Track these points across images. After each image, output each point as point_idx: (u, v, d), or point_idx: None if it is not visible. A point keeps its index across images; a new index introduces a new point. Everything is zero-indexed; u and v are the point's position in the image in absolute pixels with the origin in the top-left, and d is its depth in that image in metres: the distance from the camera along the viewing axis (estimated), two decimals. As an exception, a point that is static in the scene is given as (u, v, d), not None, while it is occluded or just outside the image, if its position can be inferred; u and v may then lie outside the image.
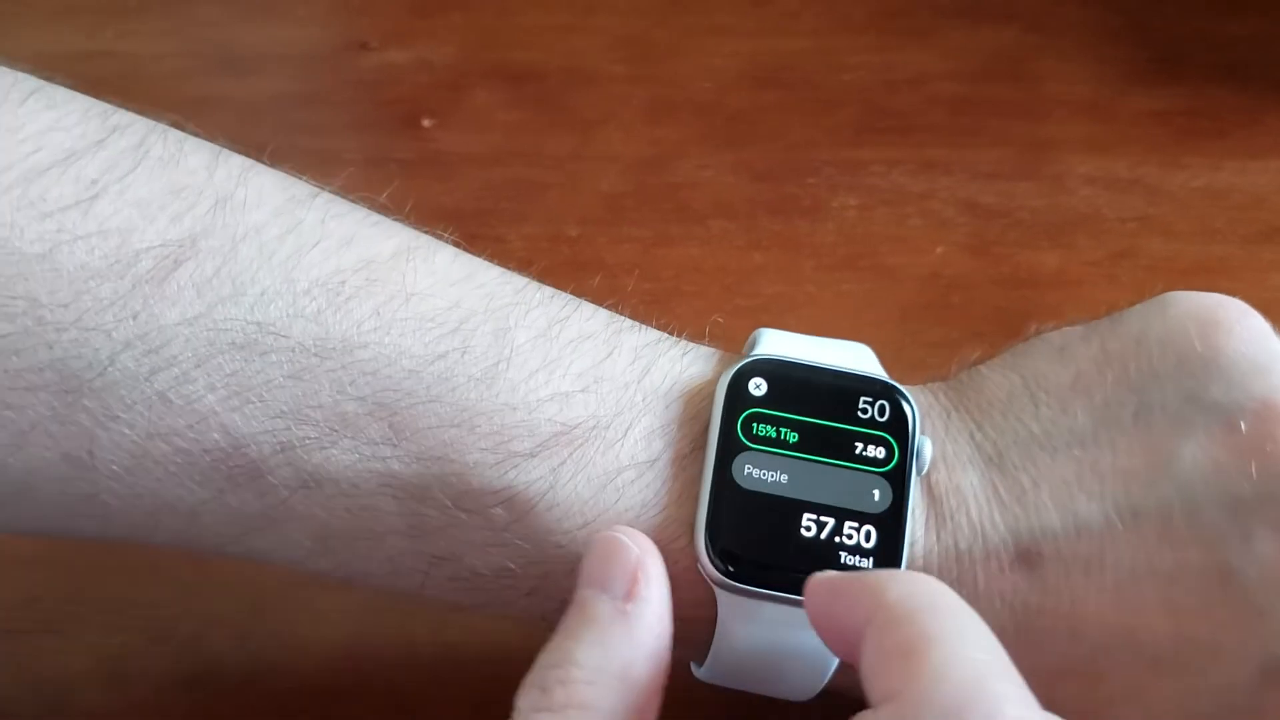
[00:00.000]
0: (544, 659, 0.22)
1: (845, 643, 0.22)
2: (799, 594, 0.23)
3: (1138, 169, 0.41)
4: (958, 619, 0.20)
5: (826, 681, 0.25)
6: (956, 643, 0.20)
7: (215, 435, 0.23)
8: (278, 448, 0.24)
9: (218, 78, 0.45)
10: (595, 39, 0.46)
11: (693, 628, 0.24)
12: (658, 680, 0.22)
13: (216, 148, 0.26)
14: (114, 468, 0.24)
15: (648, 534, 0.24)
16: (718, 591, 0.24)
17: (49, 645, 0.31)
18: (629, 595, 0.22)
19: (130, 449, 0.24)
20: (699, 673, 0.26)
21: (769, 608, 0.24)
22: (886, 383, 0.25)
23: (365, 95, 0.45)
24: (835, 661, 0.24)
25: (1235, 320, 0.25)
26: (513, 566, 0.25)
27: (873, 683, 0.20)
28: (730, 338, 0.28)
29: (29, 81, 0.25)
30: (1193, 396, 0.24)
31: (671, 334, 0.27)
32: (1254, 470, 0.23)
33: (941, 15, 0.46)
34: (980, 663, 0.20)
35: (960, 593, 0.24)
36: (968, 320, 0.37)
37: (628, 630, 0.22)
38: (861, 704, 0.26)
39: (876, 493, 0.24)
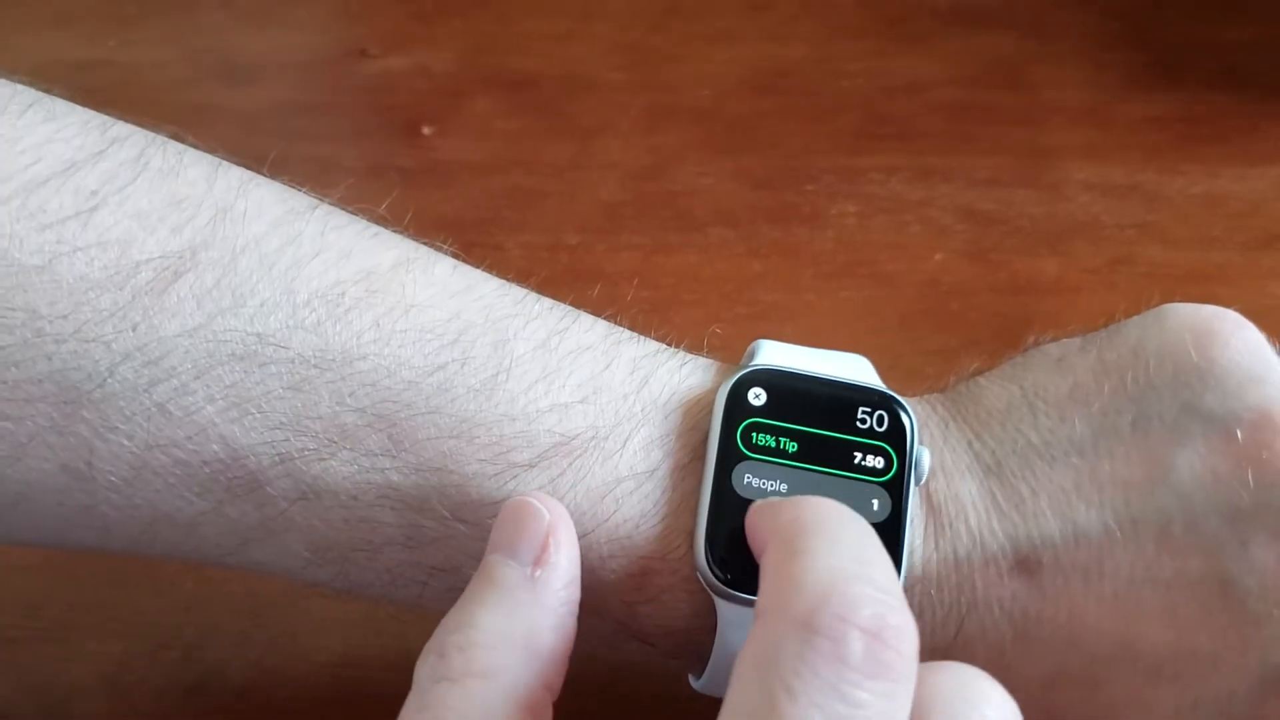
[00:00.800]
0: (444, 625, 0.21)
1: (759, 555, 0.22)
2: None
3: (1136, 176, 0.41)
4: (830, 530, 0.20)
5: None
6: (821, 554, 0.20)
7: (214, 446, 0.24)
8: (277, 459, 0.24)
9: (218, 86, 0.45)
10: (594, 46, 0.46)
11: (692, 638, 0.25)
12: (563, 649, 0.22)
13: (215, 160, 0.26)
14: (113, 479, 0.24)
15: (647, 544, 0.24)
16: (717, 600, 0.24)
17: (50, 653, 0.31)
18: (538, 561, 0.22)
19: (129, 460, 0.24)
20: (697, 685, 0.26)
21: None
22: (885, 393, 0.25)
23: (365, 103, 0.45)
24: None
25: (1231, 332, 0.25)
26: (511, 577, 0.25)
27: (758, 600, 0.20)
28: (729, 347, 0.28)
29: (27, 93, 0.25)
30: (1190, 406, 0.24)
31: (670, 344, 0.27)
32: (1251, 479, 0.24)
33: (940, 22, 0.46)
34: (837, 569, 0.19)
35: (960, 600, 0.24)
36: (966, 327, 0.38)
37: (534, 596, 0.22)
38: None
39: (875, 502, 0.24)
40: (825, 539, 0.20)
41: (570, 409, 0.25)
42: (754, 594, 0.23)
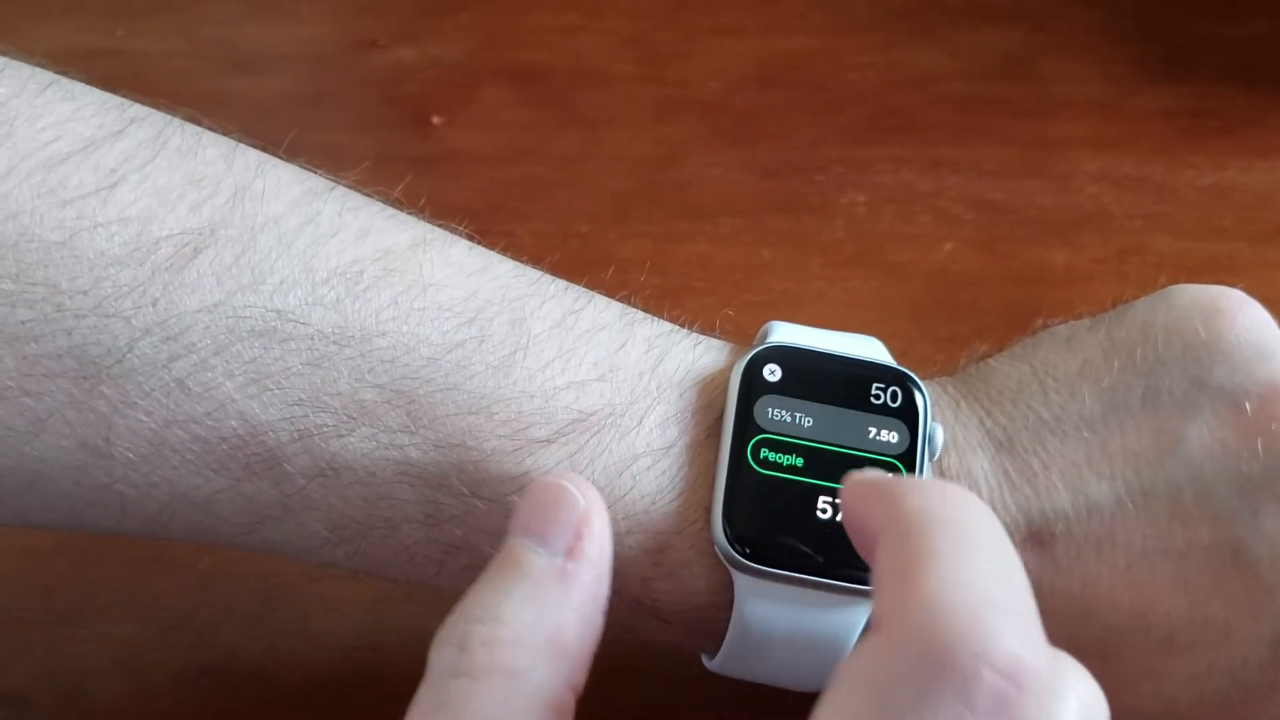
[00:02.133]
0: (465, 611, 0.20)
1: (867, 548, 0.20)
2: (816, 575, 0.24)
3: (1144, 167, 0.41)
4: (969, 537, 0.18)
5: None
6: (958, 565, 0.17)
7: (233, 423, 0.24)
8: (295, 435, 0.24)
9: (227, 76, 0.45)
10: (603, 39, 0.46)
11: (708, 615, 0.25)
12: (589, 648, 0.20)
13: (233, 141, 0.26)
14: (130, 455, 0.24)
15: (664, 519, 0.24)
16: (735, 575, 0.24)
17: (64, 635, 0.31)
18: (571, 552, 0.20)
19: (148, 436, 0.24)
20: (711, 664, 0.26)
21: (786, 590, 0.24)
22: (898, 369, 0.26)
23: (374, 93, 0.45)
24: (851, 647, 0.24)
25: (1238, 308, 0.26)
26: (528, 555, 0.25)
27: (874, 604, 0.18)
28: (740, 333, 0.28)
29: (45, 74, 0.25)
30: (1199, 380, 0.25)
31: (683, 327, 0.27)
32: (1260, 449, 0.24)
33: (948, 15, 0.46)
34: (980, 593, 0.17)
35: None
36: (976, 316, 0.38)
37: (564, 590, 0.20)
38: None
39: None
40: (963, 545, 0.18)
41: (587, 386, 0.25)
42: (770, 566, 0.24)
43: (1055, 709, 0.17)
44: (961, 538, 0.18)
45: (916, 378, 0.26)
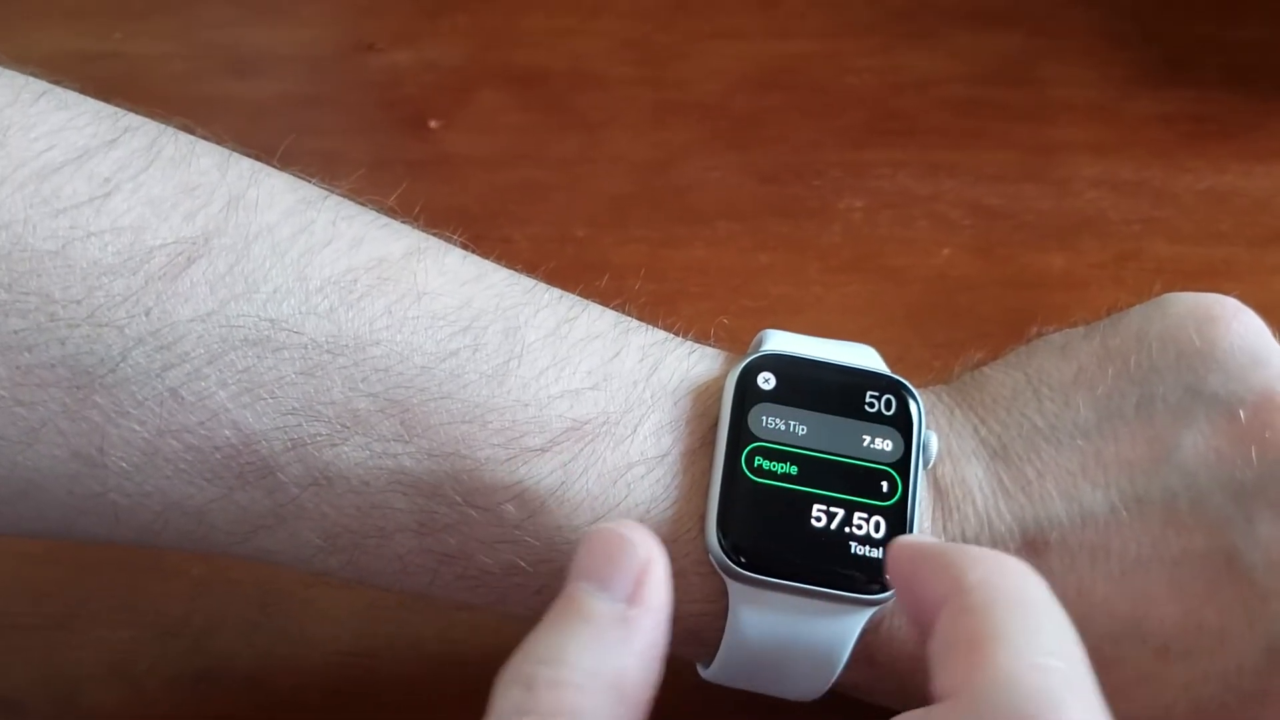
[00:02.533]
0: (529, 652, 0.20)
1: (922, 614, 0.21)
2: (810, 584, 0.24)
3: (1143, 172, 0.41)
4: (1034, 615, 0.19)
5: (835, 678, 0.25)
6: (1027, 643, 0.18)
7: (226, 432, 0.24)
8: (289, 444, 0.24)
9: (224, 79, 0.45)
10: (601, 42, 0.46)
11: (702, 623, 0.25)
12: (649, 694, 0.21)
13: (226, 150, 0.26)
14: (124, 465, 0.24)
15: (658, 528, 0.24)
16: (729, 583, 0.24)
17: (59, 641, 0.31)
18: (633, 599, 0.21)
19: (141, 446, 0.24)
20: (706, 673, 0.26)
21: (780, 598, 0.24)
22: (892, 378, 0.26)
23: (371, 97, 0.45)
24: (845, 656, 0.24)
25: (1232, 316, 0.26)
26: (522, 564, 0.25)
27: (937, 672, 0.19)
28: (736, 339, 0.28)
29: (38, 83, 0.25)
30: (1193, 388, 0.25)
31: (677, 334, 0.27)
32: (1255, 456, 0.24)
33: (947, 19, 0.46)
34: (1050, 670, 0.18)
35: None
36: (974, 321, 0.38)
37: (626, 636, 0.20)
38: (867, 707, 0.27)
39: (884, 485, 0.24)
40: (1029, 622, 0.19)
41: (581, 395, 0.25)
42: (765, 575, 0.23)
43: None
44: (1026, 614, 0.19)
45: (911, 386, 0.26)
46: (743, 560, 0.24)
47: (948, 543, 0.23)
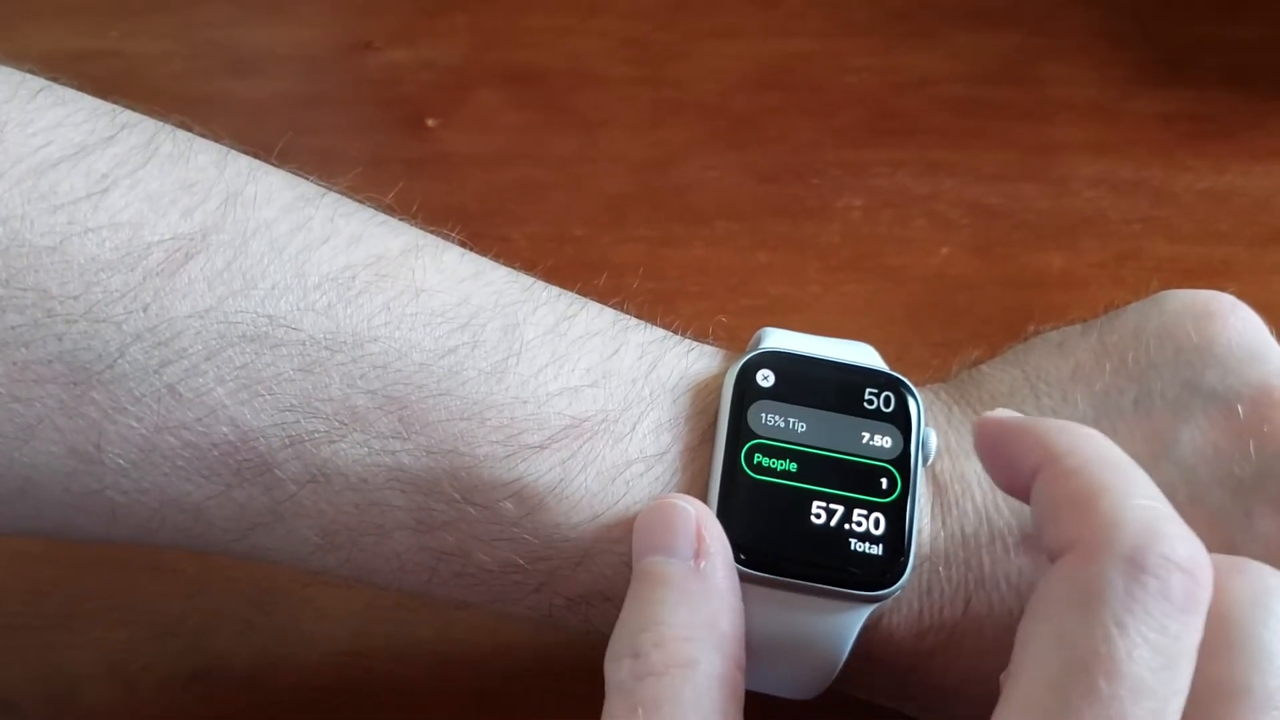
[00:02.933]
0: (626, 628, 0.22)
1: (1013, 483, 0.23)
2: (811, 580, 0.24)
3: (1142, 171, 0.41)
4: (1124, 470, 0.21)
5: (836, 674, 0.25)
6: (1126, 491, 0.21)
7: (224, 429, 0.24)
8: (286, 441, 0.24)
9: (222, 78, 0.45)
10: (599, 41, 0.46)
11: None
12: (740, 630, 0.23)
13: (224, 147, 0.26)
14: (121, 462, 0.24)
15: None
16: None
17: (55, 640, 0.31)
18: (698, 553, 0.23)
19: (138, 442, 0.24)
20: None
21: (781, 595, 0.24)
22: (891, 375, 0.26)
23: (370, 95, 0.45)
24: (845, 653, 0.24)
25: (1229, 312, 0.26)
26: (520, 561, 0.25)
27: (1046, 531, 0.21)
28: (734, 338, 0.28)
29: (36, 80, 0.25)
30: (1191, 384, 0.25)
31: (676, 333, 0.27)
32: (1253, 451, 0.24)
33: (946, 18, 0.46)
34: (1150, 509, 0.20)
35: (967, 576, 0.24)
36: (972, 321, 0.38)
37: (705, 586, 0.23)
38: (868, 705, 0.27)
39: (884, 481, 0.24)
40: (1124, 476, 0.21)
41: (580, 392, 0.25)
42: (766, 572, 0.23)
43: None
44: (1116, 469, 0.21)
45: (909, 383, 0.26)
46: (743, 557, 0.24)
47: (1028, 416, 0.23)
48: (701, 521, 0.23)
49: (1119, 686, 0.19)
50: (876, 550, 0.24)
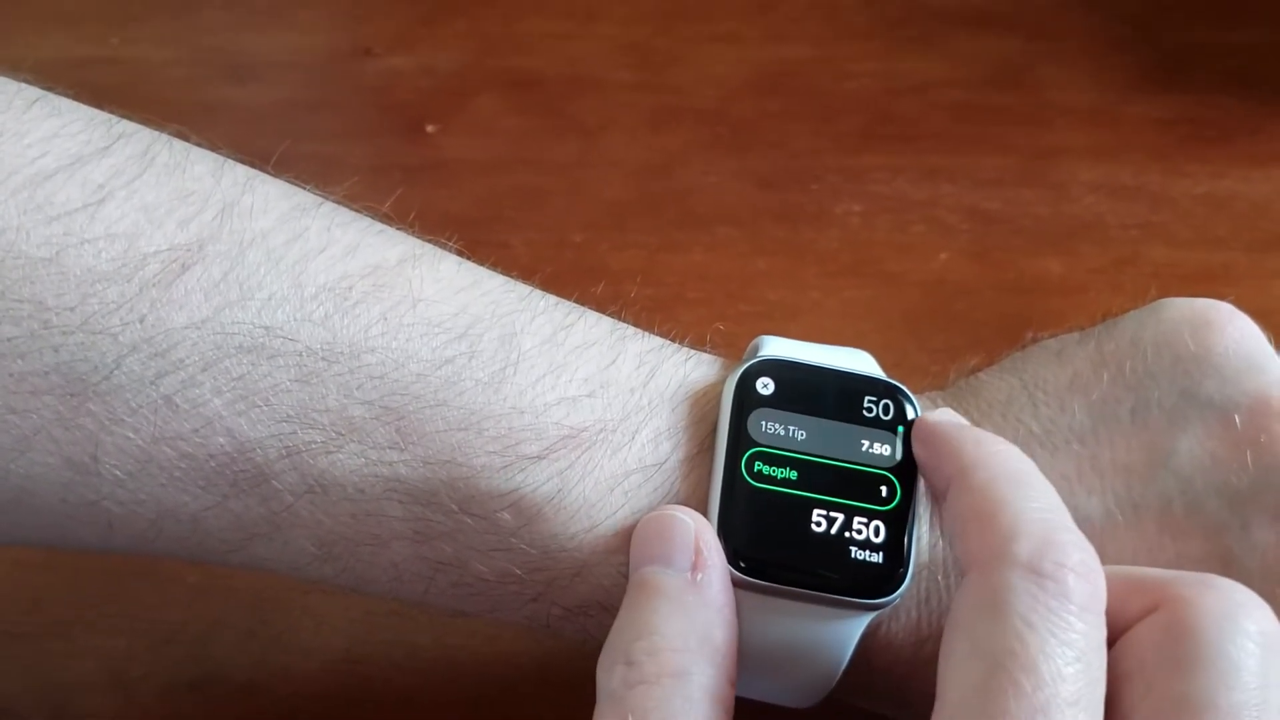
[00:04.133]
0: (620, 636, 0.22)
1: (936, 489, 0.24)
2: (812, 589, 0.24)
3: (1141, 176, 0.41)
4: (1026, 484, 0.22)
5: (835, 683, 0.25)
6: (1023, 504, 0.22)
7: (221, 440, 0.23)
8: (283, 452, 0.24)
9: (222, 84, 0.45)
10: (598, 46, 0.46)
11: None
12: (734, 644, 0.23)
13: (221, 156, 0.26)
14: (117, 473, 0.24)
15: None
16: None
17: (53, 649, 0.31)
18: (695, 566, 0.23)
19: (135, 454, 0.24)
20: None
21: (781, 603, 0.24)
22: (890, 383, 0.26)
23: (369, 101, 0.45)
24: (845, 660, 0.24)
25: (1226, 321, 0.26)
26: (518, 572, 0.25)
27: (956, 544, 0.22)
28: (733, 345, 0.28)
29: (31, 90, 0.25)
30: (1188, 393, 0.25)
31: (675, 340, 0.27)
32: (1250, 462, 0.24)
33: (945, 24, 0.46)
34: (1044, 520, 0.21)
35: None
36: (971, 327, 0.38)
37: (700, 598, 0.23)
38: (865, 713, 0.26)
39: (884, 489, 0.24)
40: (1024, 489, 0.22)
41: (578, 402, 0.25)
42: (767, 581, 0.23)
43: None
44: (1019, 484, 0.22)
45: (908, 390, 0.26)
46: (743, 565, 0.24)
47: (953, 424, 0.24)
48: (699, 534, 0.23)
49: (1038, 679, 0.20)
50: (876, 558, 0.24)
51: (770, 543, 0.24)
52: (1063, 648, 0.20)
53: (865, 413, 0.25)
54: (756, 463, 0.24)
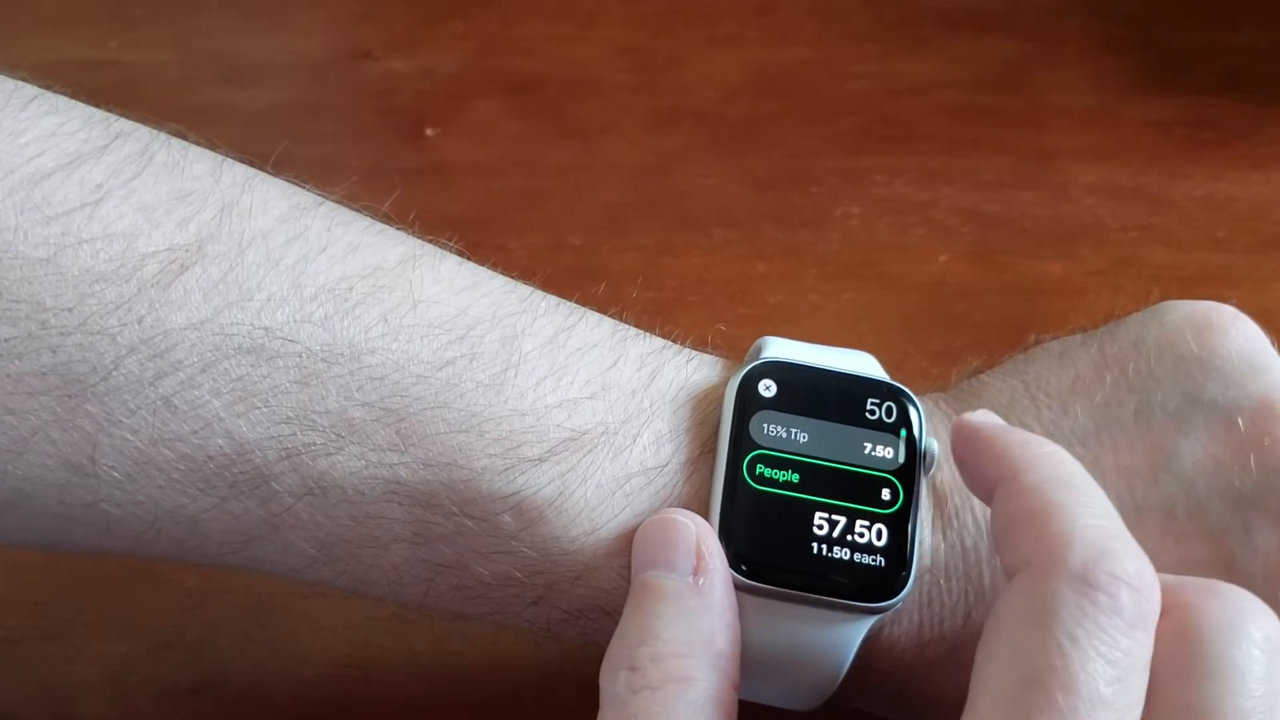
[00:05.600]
0: (623, 641, 0.22)
1: (979, 489, 0.24)
2: (813, 592, 0.24)
3: (1139, 178, 0.41)
4: (1077, 488, 0.22)
5: (837, 687, 0.25)
6: (1077, 509, 0.21)
7: (219, 441, 0.23)
8: (283, 454, 0.24)
9: (221, 87, 0.45)
10: (597, 49, 0.46)
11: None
12: (737, 648, 0.23)
13: (220, 156, 0.26)
14: (115, 475, 0.24)
15: None
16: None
17: (52, 653, 0.31)
18: (697, 570, 0.23)
19: (133, 455, 0.23)
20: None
21: (783, 606, 0.24)
22: (893, 385, 0.26)
23: (368, 104, 0.45)
24: (847, 664, 0.24)
25: (1229, 323, 0.26)
26: (518, 575, 0.24)
27: (1004, 546, 0.22)
28: (733, 347, 0.28)
29: (28, 88, 0.25)
30: (1191, 396, 0.25)
31: (675, 342, 0.27)
32: (1253, 464, 0.24)
33: (943, 26, 0.46)
34: (1099, 527, 0.21)
35: (968, 589, 0.24)
36: (971, 329, 0.37)
37: (703, 602, 0.23)
38: (865, 716, 0.26)
39: (886, 492, 0.24)
40: (1077, 494, 0.22)
41: (579, 405, 0.24)
42: (769, 584, 0.23)
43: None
44: (1071, 487, 0.22)
45: (911, 393, 0.26)
46: (745, 569, 0.24)
47: (996, 425, 0.24)
48: (701, 537, 0.23)
49: (1076, 699, 0.19)
50: (878, 562, 0.24)
51: (772, 546, 0.24)
52: (1105, 666, 0.20)
53: (868, 415, 0.25)
54: (758, 465, 0.24)
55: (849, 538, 0.24)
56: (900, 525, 0.24)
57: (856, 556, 0.24)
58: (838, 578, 0.24)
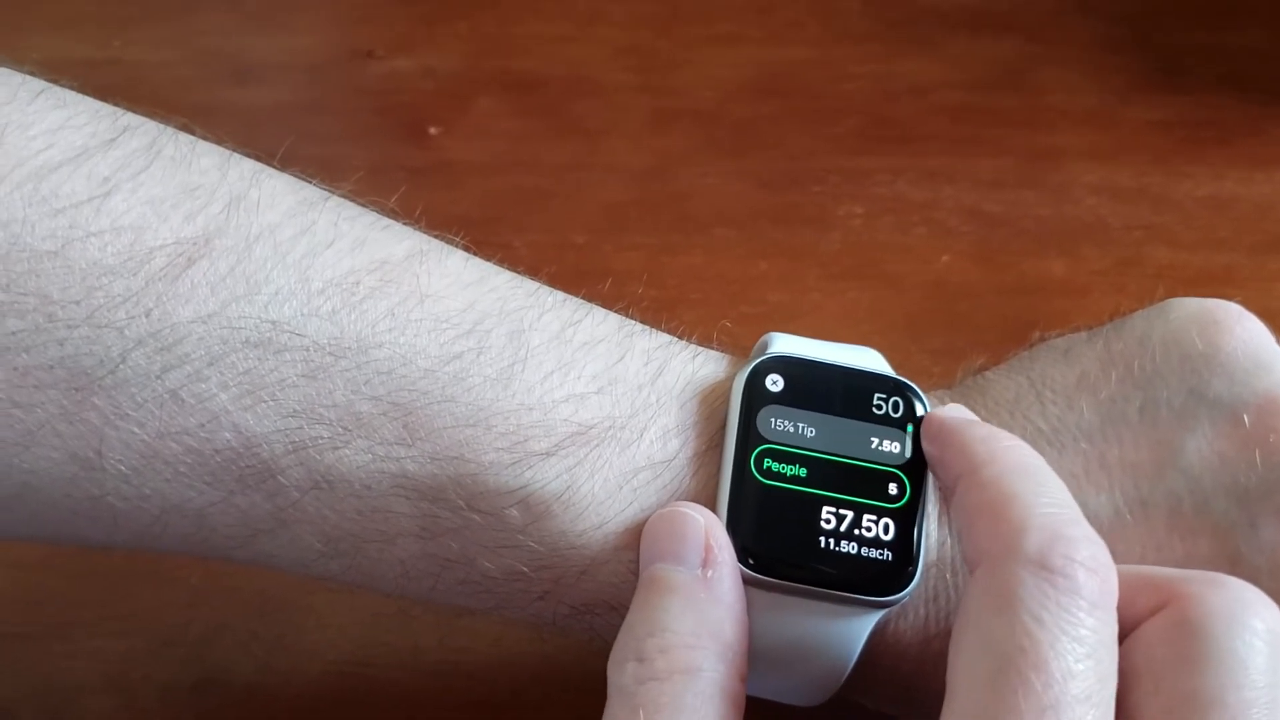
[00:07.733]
0: (631, 633, 0.22)
1: (946, 485, 0.24)
2: (820, 586, 0.24)
3: (1142, 178, 0.41)
4: (1036, 477, 0.22)
5: (843, 681, 0.25)
6: (1033, 499, 0.21)
7: (227, 435, 0.23)
8: (290, 447, 0.23)
9: (223, 86, 0.45)
10: (599, 49, 0.46)
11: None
12: (745, 641, 0.23)
13: (227, 150, 0.26)
14: (122, 468, 0.24)
15: None
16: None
17: (54, 650, 0.31)
18: (705, 562, 0.23)
19: (140, 449, 0.23)
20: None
21: (790, 600, 0.24)
22: (900, 380, 0.26)
23: (370, 104, 0.45)
24: (854, 658, 0.24)
25: (1235, 321, 0.26)
26: (525, 569, 0.24)
27: (965, 540, 0.22)
28: (737, 345, 0.28)
29: (37, 82, 0.25)
30: (1197, 392, 0.25)
31: (681, 338, 0.27)
32: (1259, 460, 0.24)
33: (944, 26, 0.46)
34: (1054, 514, 0.21)
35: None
36: (973, 329, 0.38)
37: (711, 594, 0.23)
38: (869, 712, 0.26)
39: (893, 487, 0.24)
40: (1034, 483, 0.22)
41: (586, 399, 0.24)
42: (776, 578, 0.23)
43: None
44: (1029, 477, 0.22)
45: (918, 388, 0.26)
46: (752, 563, 0.24)
47: (962, 419, 0.24)
48: (710, 530, 0.23)
49: (1048, 677, 0.20)
50: (885, 556, 0.24)
51: (779, 540, 0.24)
52: (1073, 644, 0.20)
53: (875, 410, 0.25)
54: (766, 460, 0.24)
55: (856, 532, 0.24)
56: (907, 520, 0.24)
57: (864, 551, 0.24)
58: (845, 572, 0.24)
